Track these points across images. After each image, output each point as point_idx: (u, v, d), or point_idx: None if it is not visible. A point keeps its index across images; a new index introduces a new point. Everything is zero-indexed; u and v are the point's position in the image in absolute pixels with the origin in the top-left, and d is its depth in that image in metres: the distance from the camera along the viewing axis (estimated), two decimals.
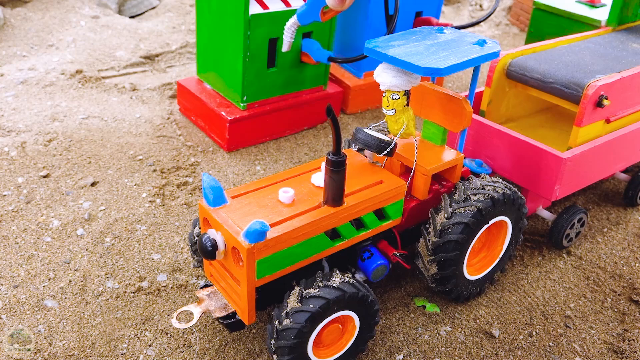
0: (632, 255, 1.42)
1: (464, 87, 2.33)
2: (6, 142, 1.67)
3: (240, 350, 1.08)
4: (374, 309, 1.00)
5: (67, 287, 1.19)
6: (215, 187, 0.94)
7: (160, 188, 1.53)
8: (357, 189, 1.01)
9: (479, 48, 1.02)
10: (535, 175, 1.29)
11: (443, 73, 0.95)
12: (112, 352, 1.06)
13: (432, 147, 1.15)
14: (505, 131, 1.33)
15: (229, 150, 1.72)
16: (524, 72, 1.43)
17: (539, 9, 2.00)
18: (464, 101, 1.08)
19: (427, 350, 1.12)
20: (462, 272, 1.14)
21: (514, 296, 1.26)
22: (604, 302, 1.27)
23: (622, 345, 1.16)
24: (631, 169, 1.69)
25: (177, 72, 2.29)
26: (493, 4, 2.18)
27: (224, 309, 1.01)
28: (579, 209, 1.39)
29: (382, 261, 1.09)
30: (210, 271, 1.03)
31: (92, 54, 2.34)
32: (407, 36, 1.05)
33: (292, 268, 0.97)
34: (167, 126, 1.85)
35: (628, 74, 1.34)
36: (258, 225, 0.85)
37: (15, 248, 1.29)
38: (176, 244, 1.34)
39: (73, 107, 1.91)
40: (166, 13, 2.87)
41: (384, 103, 1.04)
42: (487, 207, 1.07)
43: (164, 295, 1.19)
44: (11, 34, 2.50)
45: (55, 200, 1.45)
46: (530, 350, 1.14)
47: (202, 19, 1.77)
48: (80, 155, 1.64)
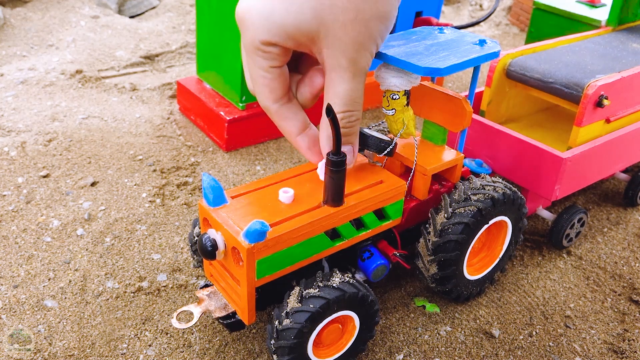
0: (632, 255, 1.42)
1: (464, 87, 2.33)
2: (6, 142, 1.67)
3: (240, 350, 1.08)
4: (374, 309, 1.00)
5: (67, 287, 1.19)
6: (215, 187, 0.94)
7: (160, 188, 1.53)
8: (357, 189, 1.01)
9: (479, 48, 1.02)
10: (535, 175, 1.29)
11: (443, 73, 0.95)
12: (112, 352, 1.06)
13: (432, 147, 1.15)
14: (505, 131, 1.33)
15: (228, 150, 1.72)
16: (524, 72, 1.43)
17: (539, 9, 2.00)
18: (464, 101, 1.08)
19: (427, 350, 1.12)
20: (462, 272, 1.14)
21: (514, 296, 1.26)
22: (604, 302, 1.27)
23: (622, 345, 1.16)
24: (631, 169, 1.69)
25: (177, 72, 2.29)
26: (493, 4, 2.18)
27: (224, 309, 1.01)
28: (579, 209, 1.39)
29: (382, 261, 1.09)
30: (210, 271, 1.03)
31: (92, 54, 2.34)
32: (407, 36, 1.05)
33: (292, 268, 0.96)
34: (167, 126, 1.85)
35: (628, 74, 1.34)
36: (258, 225, 0.84)
37: (15, 248, 1.29)
38: (176, 244, 1.34)
39: (73, 107, 1.91)
40: (166, 13, 2.87)
41: (384, 103, 1.03)
42: (487, 207, 1.07)
43: (164, 295, 1.19)
44: (11, 34, 2.50)
45: (55, 200, 1.45)
46: (530, 350, 1.14)
47: (202, 18, 1.77)
48: (80, 155, 1.64)
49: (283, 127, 0.91)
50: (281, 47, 0.83)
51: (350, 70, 0.84)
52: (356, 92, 0.87)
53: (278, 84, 0.87)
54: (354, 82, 0.85)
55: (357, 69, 0.84)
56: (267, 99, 0.88)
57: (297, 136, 0.91)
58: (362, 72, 0.86)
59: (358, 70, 0.85)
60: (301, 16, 0.79)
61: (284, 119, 0.90)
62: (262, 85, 0.87)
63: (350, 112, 0.88)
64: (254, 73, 0.86)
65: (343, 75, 0.84)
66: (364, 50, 0.83)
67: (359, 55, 0.83)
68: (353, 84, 0.86)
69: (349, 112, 0.88)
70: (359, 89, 0.87)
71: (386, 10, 0.82)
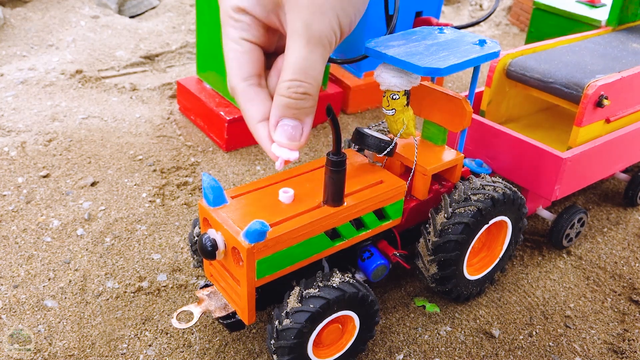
0: (632, 255, 1.42)
1: (464, 87, 2.33)
2: (6, 142, 1.67)
3: (240, 350, 1.08)
4: (374, 309, 1.00)
5: (67, 287, 1.19)
6: (215, 187, 0.94)
7: (160, 188, 1.53)
8: (357, 189, 1.01)
9: (479, 48, 1.02)
10: (535, 175, 1.29)
11: (443, 73, 0.95)
12: (112, 352, 1.06)
13: (432, 147, 1.15)
14: (505, 131, 1.33)
15: (228, 150, 1.72)
16: (524, 72, 1.42)
17: (539, 9, 2.00)
18: (464, 101, 1.08)
19: (427, 350, 1.12)
20: (462, 272, 1.14)
21: (514, 296, 1.26)
22: (604, 302, 1.27)
23: (622, 345, 1.16)
24: (631, 169, 1.69)
25: (177, 72, 2.29)
26: (493, 4, 2.18)
27: (224, 309, 1.01)
28: (579, 209, 1.39)
29: (382, 261, 1.09)
30: (210, 271, 1.03)
31: (92, 54, 2.34)
32: (407, 36, 1.05)
33: (292, 268, 0.96)
34: (167, 126, 1.85)
35: (628, 74, 1.34)
36: (258, 225, 0.84)
37: (15, 248, 1.29)
38: (176, 244, 1.34)
39: (73, 107, 1.91)
40: (166, 13, 2.87)
41: (384, 103, 1.03)
42: (487, 207, 1.07)
43: (164, 295, 1.19)
44: (11, 34, 2.50)
45: (55, 200, 1.45)
46: (530, 350, 1.14)
47: (202, 18, 1.77)
48: (80, 155, 1.64)
49: (245, 111, 0.84)
50: (252, 17, 0.80)
51: (304, 36, 0.77)
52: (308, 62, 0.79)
53: (248, 60, 0.82)
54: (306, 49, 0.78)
55: (311, 35, 0.78)
56: (235, 76, 0.83)
57: (258, 122, 0.83)
58: (318, 40, 0.78)
59: (313, 37, 0.78)
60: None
61: (249, 100, 0.83)
62: (231, 60, 0.82)
63: (299, 81, 0.80)
64: (226, 47, 0.82)
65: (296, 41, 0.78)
66: (321, 15, 0.77)
67: (314, 19, 0.77)
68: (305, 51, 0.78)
69: (297, 82, 0.80)
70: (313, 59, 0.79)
71: None
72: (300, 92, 0.80)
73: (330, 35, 0.79)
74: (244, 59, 0.82)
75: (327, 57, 0.81)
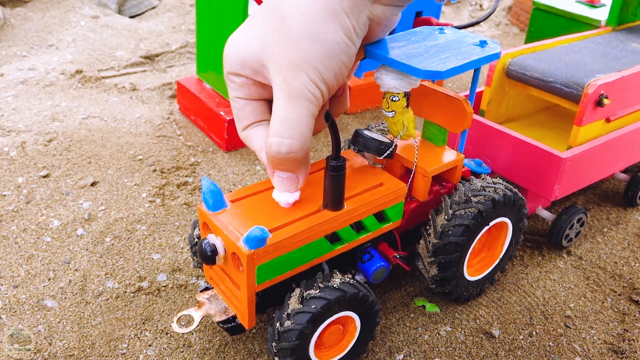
0: (632, 255, 1.42)
1: (464, 87, 2.33)
2: (6, 142, 1.67)
3: (240, 351, 1.08)
4: (375, 309, 1.00)
5: (67, 287, 1.19)
6: (215, 192, 0.93)
7: (160, 188, 1.53)
8: (357, 192, 1.01)
9: (479, 49, 1.01)
10: (535, 175, 1.29)
11: (444, 76, 0.94)
12: (112, 352, 1.06)
13: (433, 148, 1.15)
14: (505, 131, 1.33)
15: (228, 150, 1.72)
16: (524, 72, 1.42)
17: (538, 9, 2.00)
18: (465, 102, 1.07)
19: (427, 350, 1.12)
20: (462, 273, 1.14)
21: (514, 296, 1.26)
22: (604, 302, 1.27)
23: (622, 345, 1.16)
24: (631, 169, 1.70)
25: (177, 72, 2.29)
26: (493, 4, 2.18)
27: (224, 313, 1.00)
28: (579, 209, 1.39)
29: (382, 263, 1.09)
30: (210, 274, 1.03)
31: (92, 54, 2.34)
32: (407, 37, 1.05)
33: (292, 273, 0.96)
34: (167, 126, 1.84)
35: (628, 74, 1.34)
36: (258, 231, 0.84)
37: (15, 248, 1.29)
38: (176, 244, 1.34)
39: (73, 107, 1.91)
40: (166, 13, 2.87)
41: (383, 105, 1.03)
42: (487, 209, 1.07)
43: (164, 295, 1.19)
44: (11, 34, 2.50)
45: (55, 200, 1.45)
46: (530, 350, 1.14)
47: (202, 18, 1.77)
48: (80, 155, 1.64)
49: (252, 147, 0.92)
50: (244, 77, 0.85)
51: (283, 89, 0.80)
52: (291, 115, 0.80)
53: (244, 114, 0.89)
54: (288, 103, 0.80)
55: (290, 90, 0.79)
56: (238, 128, 0.92)
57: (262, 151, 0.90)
58: (299, 94, 0.79)
59: (293, 91, 0.79)
60: (252, 42, 0.82)
61: (250, 140, 0.91)
62: (234, 115, 0.91)
63: (282, 139, 0.81)
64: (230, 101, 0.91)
65: (279, 97, 0.81)
66: (298, 71, 0.79)
67: (292, 75, 0.79)
68: (288, 105, 0.80)
69: (279, 139, 0.81)
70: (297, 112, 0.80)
71: (320, 30, 0.78)
72: (283, 151, 0.82)
73: (312, 88, 0.80)
74: (241, 114, 0.90)
75: (315, 110, 0.82)
